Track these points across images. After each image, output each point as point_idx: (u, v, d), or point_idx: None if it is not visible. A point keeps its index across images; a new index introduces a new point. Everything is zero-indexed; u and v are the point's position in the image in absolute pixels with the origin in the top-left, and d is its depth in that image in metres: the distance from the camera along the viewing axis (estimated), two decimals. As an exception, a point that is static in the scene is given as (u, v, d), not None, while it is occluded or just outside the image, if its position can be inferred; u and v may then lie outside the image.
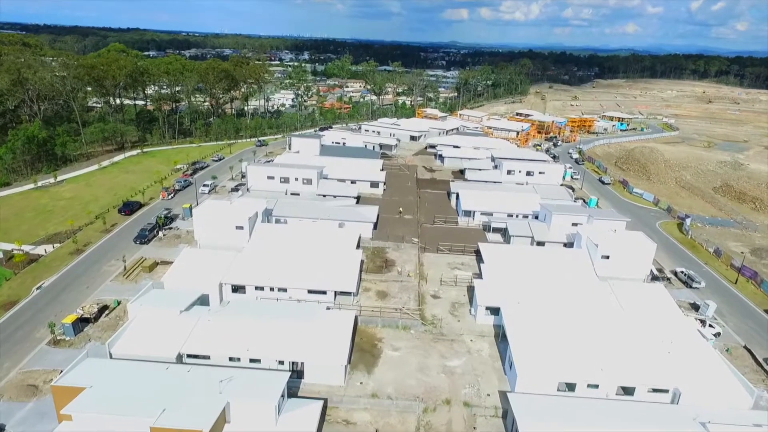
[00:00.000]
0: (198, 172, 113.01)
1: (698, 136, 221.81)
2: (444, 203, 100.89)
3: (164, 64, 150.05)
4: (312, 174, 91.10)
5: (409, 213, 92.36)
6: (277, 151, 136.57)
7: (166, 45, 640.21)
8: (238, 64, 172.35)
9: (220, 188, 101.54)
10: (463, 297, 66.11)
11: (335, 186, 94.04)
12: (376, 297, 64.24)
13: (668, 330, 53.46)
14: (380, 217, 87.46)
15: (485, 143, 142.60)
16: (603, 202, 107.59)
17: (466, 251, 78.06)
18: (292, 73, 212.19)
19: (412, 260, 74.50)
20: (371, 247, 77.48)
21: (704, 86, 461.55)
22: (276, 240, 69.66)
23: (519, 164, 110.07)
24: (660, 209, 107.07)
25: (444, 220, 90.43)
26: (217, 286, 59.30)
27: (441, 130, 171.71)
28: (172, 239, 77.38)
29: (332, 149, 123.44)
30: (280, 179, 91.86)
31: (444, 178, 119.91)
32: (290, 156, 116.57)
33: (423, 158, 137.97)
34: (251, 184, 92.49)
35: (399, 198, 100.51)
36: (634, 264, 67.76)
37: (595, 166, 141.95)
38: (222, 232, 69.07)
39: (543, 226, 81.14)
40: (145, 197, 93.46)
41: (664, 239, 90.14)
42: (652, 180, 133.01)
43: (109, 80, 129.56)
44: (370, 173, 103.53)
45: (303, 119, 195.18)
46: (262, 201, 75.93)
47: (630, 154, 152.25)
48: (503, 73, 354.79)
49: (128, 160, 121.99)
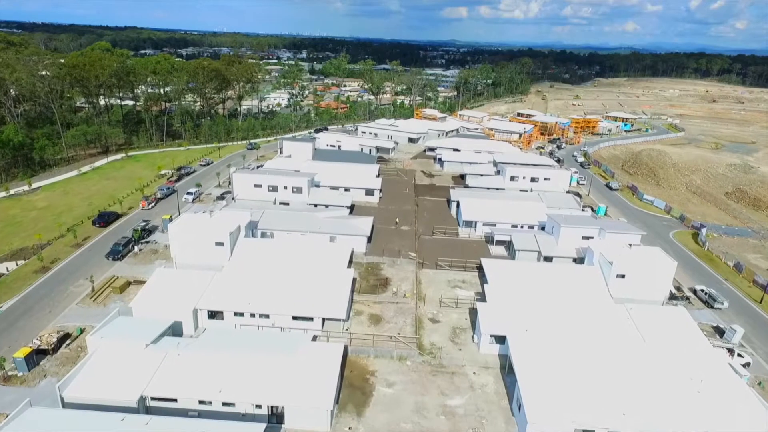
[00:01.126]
0: (183, 179, 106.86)
1: (704, 137, 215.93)
2: (444, 212, 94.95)
3: (151, 64, 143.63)
4: (302, 182, 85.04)
5: (406, 223, 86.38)
6: (269, 154, 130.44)
7: (162, 43, 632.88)
8: (229, 63, 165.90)
9: (206, 196, 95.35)
10: (464, 321, 60.21)
11: (327, 194, 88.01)
12: (369, 322, 58.30)
13: (696, 364, 47.58)
14: (375, 228, 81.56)
15: (486, 146, 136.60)
16: (612, 210, 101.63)
17: (467, 267, 72.14)
18: (286, 73, 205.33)
19: (409, 278, 68.55)
20: (365, 263, 71.51)
21: (706, 85, 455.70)
22: (260, 257, 63.66)
23: (523, 170, 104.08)
24: (672, 217, 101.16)
25: (443, 232, 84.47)
26: (192, 313, 53.34)
27: (440, 132, 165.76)
28: (148, 255, 71.34)
29: (326, 153, 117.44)
30: (268, 188, 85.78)
31: (443, 183, 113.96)
32: (281, 161, 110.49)
33: (421, 162, 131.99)
34: (237, 192, 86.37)
35: (396, 206, 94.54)
36: (653, 284, 61.84)
37: (602, 170, 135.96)
38: (200, 249, 63.06)
39: (550, 239, 75.19)
40: (123, 207, 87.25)
41: (679, 251, 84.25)
42: (661, 185, 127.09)
43: (92, 80, 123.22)
44: (365, 180, 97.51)
45: (298, 120, 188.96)
46: (246, 213, 69.89)
47: (637, 158, 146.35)
48: (503, 72, 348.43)
49: (111, 165, 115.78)
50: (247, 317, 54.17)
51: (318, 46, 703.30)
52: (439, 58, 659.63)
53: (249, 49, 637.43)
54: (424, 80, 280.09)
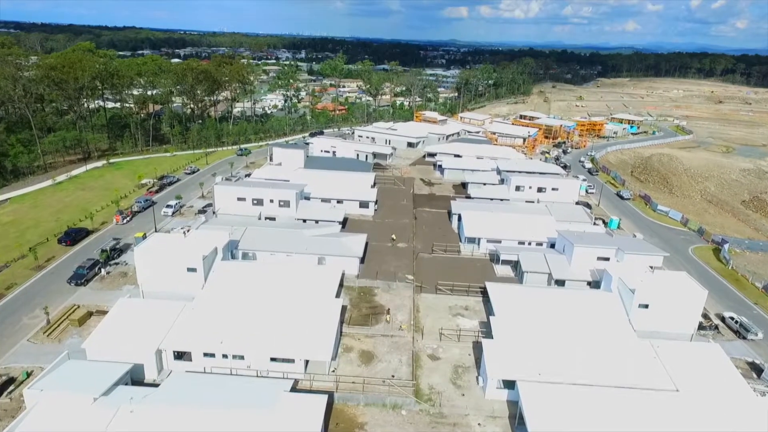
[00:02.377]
0: (166, 189, 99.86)
1: (714, 140, 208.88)
2: (444, 225, 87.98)
3: (137, 65, 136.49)
4: (290, 195, 77.97)
5: (403, 240, 79.36)
6: (260, 161, 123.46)
7: (161, 44, 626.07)
8: (220, 64, 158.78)
9: (187, 209, 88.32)
10: (467, 357, 53.26)
11: (318, 208, 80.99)
12: (360, 360, 51.35)
13: (741, 420, 40.65)
14: (369, 245, 74.59)
15: (489, 152, 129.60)
16: (624, 222, 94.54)
17: (470, 291, 65.18)
18: (280, 74, 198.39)
19: (406, 305, 61.59)
20: (357, 288, 64.56)
21: (710, 85, 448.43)
22: (237, 285, 56.71)
23: (529, 179, 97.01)
24: (690, 230, 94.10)
25: (444, 249, 77.46)
26: (155, 354, 46.39)
27: (440, 136, 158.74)
28: (116, 279, 64.43)
29: (319, 161, 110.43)
30: (252, 201, 78.73)
31: (444, 193, 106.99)
32: (271, 169, 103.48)
33: (421, 168, 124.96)
34: (219, 206, 79.26)
35: (393, 220, 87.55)
36: (680, 315, 54.82)
37: (611, 177, 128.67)
38: (170, 276, 56.12)
39: (562, 259, 68.18)
40: (95, 222, 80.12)
41: (700, 270, 77.25)
42: (674, 193, 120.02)
43: (71, 83, 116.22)
44: (360, 191, 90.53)
45: (293, 123, 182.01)
46: (225, 233, 62.87)
47: (647, 163, 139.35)
48: (505, 73, 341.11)
49: (89, 174, 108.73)
50: (219, 358, 47.22)
51: (317, 46, 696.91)
52: (439, 58, 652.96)
53: (247, 49, 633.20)
54: (424, 81, 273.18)
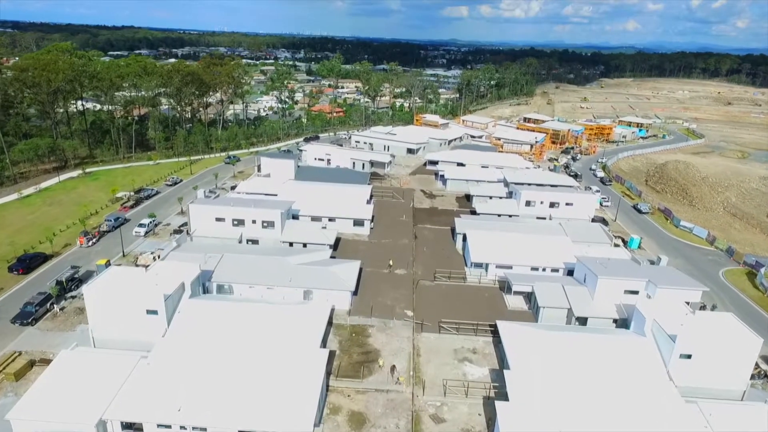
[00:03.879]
0: (143, 203, 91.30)
1: (727, 144, 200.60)
2: (447, 246, 79.52)
3: (118, 67, 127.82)
4: (274, 215, 69.36)
5: (402, 264, 70.87)
6: (249, 169, 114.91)
7: (159, 43, 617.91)
8: (209, 65, 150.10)
9: (162, 228, 79.77)
10: (477, 418, 44.86)
11: (306, 230, 72.33)
12: (349, 425, 42.87)
13: None
14: (364, 272, 66.24)
15: (495, 160, 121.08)
16: (645, 240, 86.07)
17: (479, 330, 56.76)
18: (274, 75, 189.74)
19: (404, 349, 53.13)
20: (348, 327, 56.12)
21: (715, 85, 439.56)
22: (205, 331, 48.24)
23: (540, 193, 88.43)
24: (717, 249, 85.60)
25: (448, 276, 68.97)
26: (96, 427, 37.95)
27: (442, 141, 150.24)
28: (72, 316, 55.95)
29: (311, 171, 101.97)
30: (232, 222, 70.18)
31: (447, 206, 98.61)
32: (258, 181, 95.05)
33: (421, 179, 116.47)
34: (195, 228, 70.67)
35: (390, 239, 79.11)
36: (729, 368, 46.38)
37: (626, 187, 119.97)
38: (127, 320, 47.70)
39: (583, 292, 59.71)
40: (57, 244, 71.50)
41: (735, 299, 68.86)
42: (695, 206, 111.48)
43: (44, 86, 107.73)
44: (354, 207, 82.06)
45: (288, 127, 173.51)
46: (195, 265, 54.30)
47: (663, 171, 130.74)
48: (507, 73, 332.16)
49: (61, 186, 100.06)
50: (176, 430, 38.80)
51: (317, 46, 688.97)
52: (440, 58, 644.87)
53: (246, 48, 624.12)
54: (425, 82, 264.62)
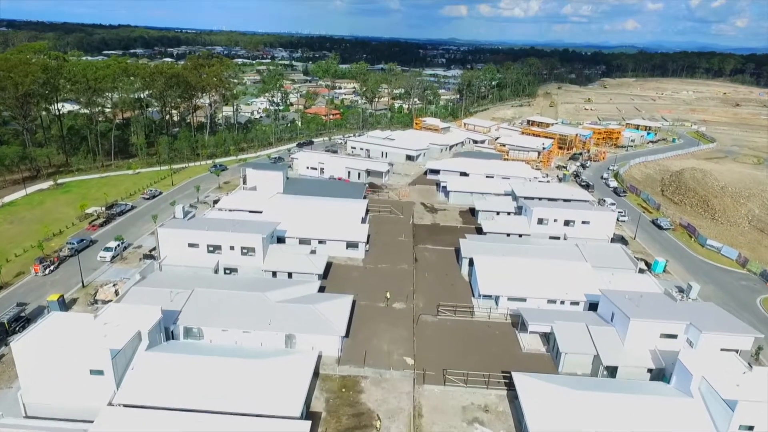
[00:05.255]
0: (115, 220, 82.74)
1: (739, 149, 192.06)
2: (451, 271, 71.10)
3: (95, 69, 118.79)
4: (255, 240, 60.84)
5: (400, 297, 62.41)
6: (236, 180, 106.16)
7: (154, 42, 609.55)
8: (195, 67, 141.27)
9: (133, 251, 71.16)
10: (493, 505, 36.49)
11: (292, 256, 63.64)
12: None
13: None
14: (357, 306, 57.90)
15: (500, 169, 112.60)
16: (669, 262, 77.74)
17: (490, 383, 48.38)
18: (266, 76, 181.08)
19: (404, 409, 44.71)
20: (337, 379, 47.68)
21: (719, 85, 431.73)
22: (161, 394, 39.74)
23: (554, 210, 79.93)
24: (750, 273, 77.25)
25: (453, 310, 60.58)
26: None
27: (443, 147, 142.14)
28: (8, 368, 47.42)
29: (301, 184, 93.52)
30: (207, 248, 61.68)
31: (450, 222, 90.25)
32: (243, 195, 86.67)
33: (422, 189, 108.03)
34: (165, 254, 62.14)
35: (388, 264, 70.65)
36: (801, 443, 38.07)
37: (642, 199, 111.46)
38: (67, 382, 39.25)
39: (611, 334, 51.31)
40: (8, 273, 62.75)
41: (779, 335, 60.50)
42: (718, 219, 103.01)
43: (11, 90, 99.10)
44: (348, 226, 73.61)
45: (280, 131, 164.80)
46: (156, 308, 45.66)
47: (679, 180, 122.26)
48: (509, 73, 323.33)
49: (28, 199, 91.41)
50: None
51: (315, 45, 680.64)
52: (439, 57, 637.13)
53: (243, 48, 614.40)
54: (425, 83, 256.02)
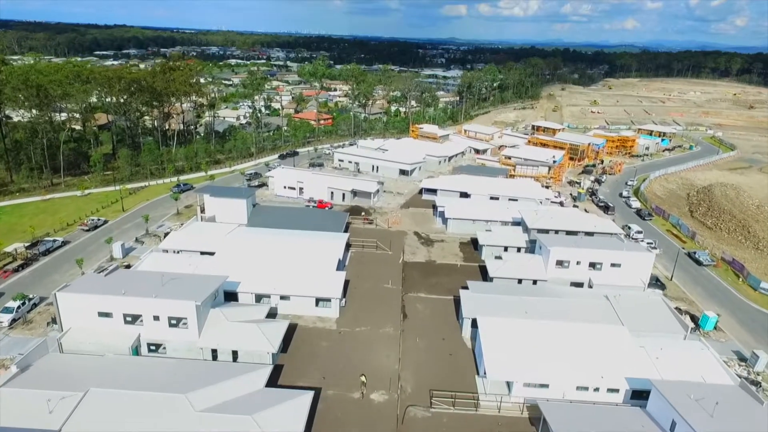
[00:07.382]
0: (37, 262, 67.49)
1: (762, 156, 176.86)
2: (449, 330, 56.06)
3: (38, 74, 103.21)
4: (187, 308, 45.37)
5: (381, 381, 47.15)
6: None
7: (148, 42, 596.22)
8: (165, 71, 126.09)
9: (43, 310, 55.82)
10: None
11: (237, 327, 48.00)
12: None
13: None
14: (322, 397, 42.84)
15: (507, 188, 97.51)
16: (714, 311, 62.59)
17: None
18: (246, 81, 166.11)
19: None
20: None
21: (726, 86, 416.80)
22: None
23: (577, 250, 64.33)
24: (822, 329, 62.17)
25: (452, 400, 45.38)
26: None
27: (442, 158, 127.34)
28: None
29: (270, 214, 78.32)
30: (124, 318, 46.44)
31: (448, 258, 75.11)
32: (196, 229, 71.37)
33: (415, 214, 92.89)
34: (68, 328, 46.62)
35: (368, 327, 55.39)
36: None
37: (672, 224, 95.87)
38: None
39: (676, 458, 36.30)
40: None
41: None
42: (762, 249, 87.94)
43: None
44: (319, 275, 58.42)
45: (263, 140, 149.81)
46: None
47: (710, 198, 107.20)
48: (511, 74, 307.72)
49: (-59, 233, 76.55)
50: None
51: (313, 45, 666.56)
52: (438, 57, 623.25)
53: (238, 48, 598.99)
54: (423, 86, 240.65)
